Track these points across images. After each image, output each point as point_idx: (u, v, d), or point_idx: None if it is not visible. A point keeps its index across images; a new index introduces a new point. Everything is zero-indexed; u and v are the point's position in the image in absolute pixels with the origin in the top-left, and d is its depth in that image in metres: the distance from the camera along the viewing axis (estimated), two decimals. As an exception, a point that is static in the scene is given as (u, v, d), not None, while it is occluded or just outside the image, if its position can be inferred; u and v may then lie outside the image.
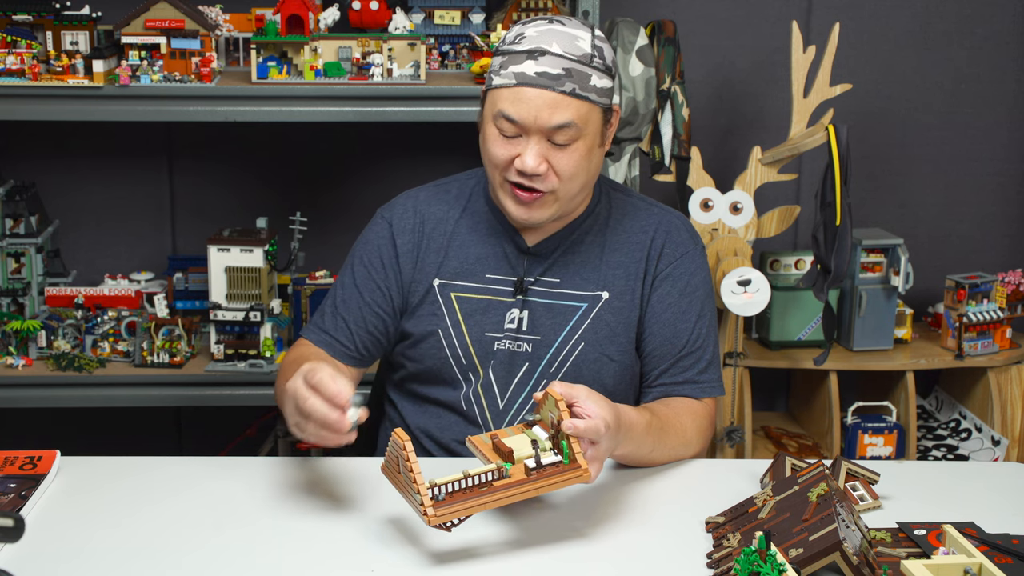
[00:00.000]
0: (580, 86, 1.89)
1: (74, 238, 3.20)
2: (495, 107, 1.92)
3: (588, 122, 1.91)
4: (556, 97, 1.88)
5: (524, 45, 1.90)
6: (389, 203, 2.14)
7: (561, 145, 1.90)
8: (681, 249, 2.07)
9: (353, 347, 2.08)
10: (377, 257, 2.08)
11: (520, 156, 1.90)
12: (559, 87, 1.88)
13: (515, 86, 1.89)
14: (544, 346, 2.03)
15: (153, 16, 2.71)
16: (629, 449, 1.85)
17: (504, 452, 1.69)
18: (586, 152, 1.93)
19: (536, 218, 1.97)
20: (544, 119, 1.88)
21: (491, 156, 1.94)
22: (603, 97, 1.93)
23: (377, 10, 2.82)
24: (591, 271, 2.05)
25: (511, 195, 1.95)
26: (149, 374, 2.85)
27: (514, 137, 1.91)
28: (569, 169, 1.92)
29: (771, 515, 1.67)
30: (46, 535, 1.69)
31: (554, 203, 1.95)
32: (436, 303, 2.05)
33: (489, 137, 1.94)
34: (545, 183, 1.92)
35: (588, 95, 1.90)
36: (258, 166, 3.23)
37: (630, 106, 2.85)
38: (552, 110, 1.88)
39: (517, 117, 1.89)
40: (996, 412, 3.09)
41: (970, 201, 3.37)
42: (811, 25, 3.22)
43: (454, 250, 2.06)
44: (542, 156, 1.90)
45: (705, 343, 2.07)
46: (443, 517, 1.59)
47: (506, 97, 1.90)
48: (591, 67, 1.90)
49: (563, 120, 1.88)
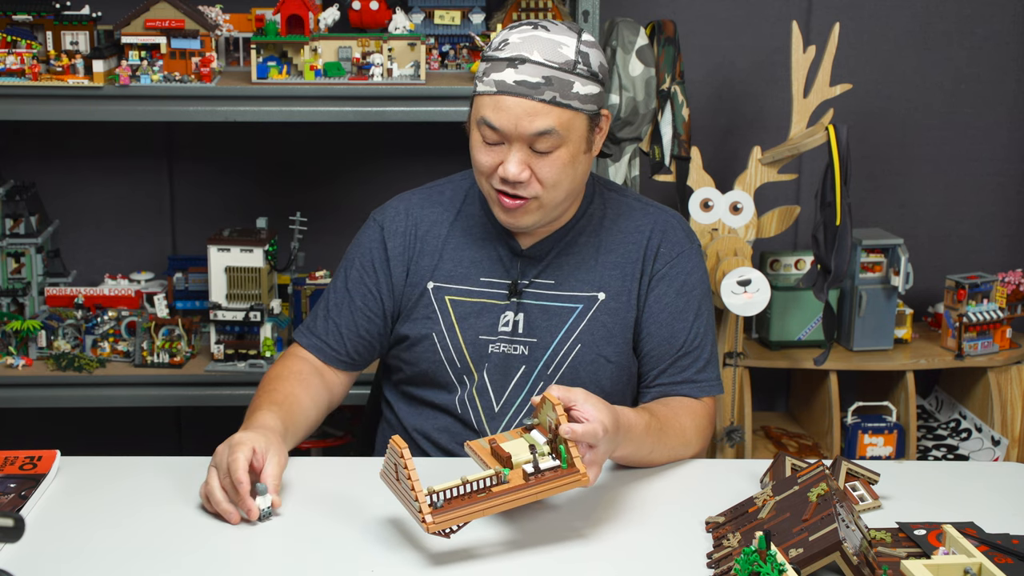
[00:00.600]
0: (561, 94, 1.88)
1: (74, 238, 3.20)
2: (479, 114, 1.92)
3: (571, 129, 1.91)
4: (535, 105, 1.87)
5: (506, 52, 1.90)
6: (382, 206, 2.14)
7: (543, 153, 1.90)
8: (677, 248, 2.07)
9: (344, 352, 2.08)
10: (369, 261, 2.09)
11: (503, 164, 1.91)
12: (538, 95, 1.87)
13: (495, 94, 1.89)
14: (540, 348, 2.03)
15: (153, 16, 2.71)
16: (628, 451, 1.84)
17: (502, 457, 1.69)
18: (569, 159, 1.92)
19: (522, 223, 1.97)
20: (524, 127, 1.88)
21: (477, 163, 1.95)
22: (587, 103, 1.92)
23: (377, 10, 2.82)
24: (586, 272, 2.04)
25: (497, 201, 1.96)
26: (149, 374, 2.85)
27: (497, 144, 1.91)
28: (552, 177, 1.91)
29: (771, 515, 1.67)
30: (46, 535, 1.69)
31: (538, 209, 1.95)
32: (430, 306, 2.05)
33: (474, 144, 1.95)
34: (528, 190, 1.92)
35: (570, 103, 1.89)
36: (258, 166, 3.23)
37: (630, 106, 2.85)
38: (531, 118, 1.87)
39: (498, 125, 1.89)
40: (996, 412, 3.09)
41: (970, 201, 3.37)
42: (811, 25, 3.22)
43: (448, 253, 2.06)
44: (524, 164, 1.90)
45: (703, 342, 2.06)
46: (442, 524, 1.59)
47: (487, 104, 1.90)
48: (574, 74, 1.89)
49: (543, 127, 1.88)
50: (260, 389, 2.01)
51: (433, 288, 2.05)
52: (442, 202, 2.11)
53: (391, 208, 2.12)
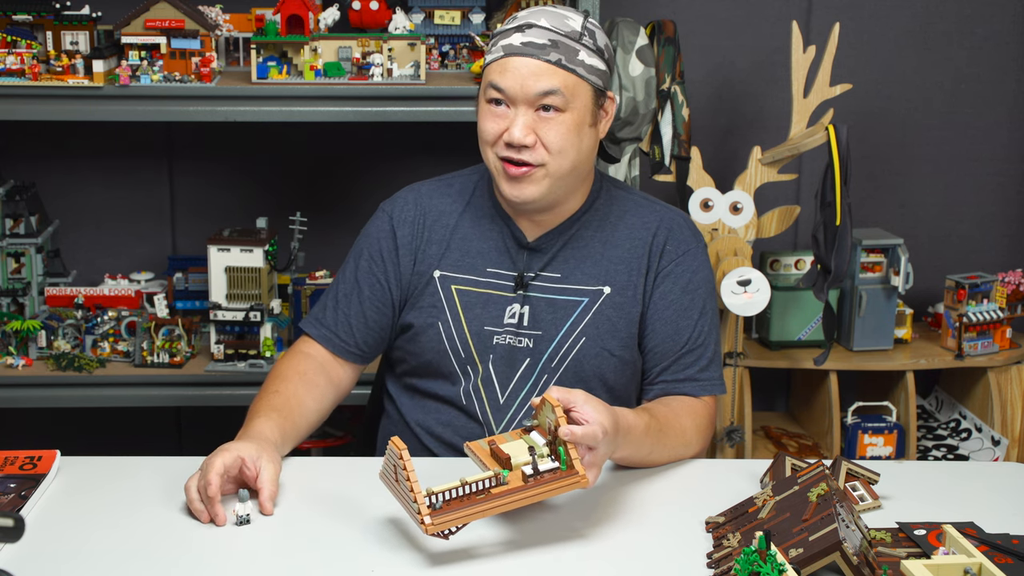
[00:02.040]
0: (566, 57, 1.91)
1: (74, 238, 3.20)
2: (486, 81, 1.95)
3: (575, 95, 1.92)
4: (541, 65, 1.91)
5: (515, 23, 1.95)
6: (391, 197, 2.15)
7: (548, 117, 1.92)
8: (683, 247, 2.07)
9: (354, 343, 2.09)
10: (378, 251, 2.09)
11: (508, 129, 1.92)
12: (544, 56, 1.91)
13: (502, 57, 1.93)
14: (545, 341, 2.03)
15: (153, 16, 2.71)
16: (628, 452, 1.84)
17: (502, 458, 1.69)
18: (574, 126, 1.93)
19: (527, 194, 1.96)
20: (529, 86, 1.90)
21: (482, 132, 1.96)
22: (593, 75, 1.94)
23: (377, 10, 2.82)
24: (592, 266, 2.05)
25: (502, 172, 1.96)
26: (149, 374, 2.85)
27: (502, 109, 1.93)
28: (557, 142, 1.92)
29: (771, 515, 1.67)
30: (46, 535, 1.69)
31: (544, 178, 1.95)
32: (436, 295, 2.05)
33: (481, 114, 1.97)
34: (534, 155, 1.93)
35: (575, 68, 1.92)
36: (258, 166, 3.23)
37: (630, 106, 2.85)
38: (537, 78, 1.90)
39: (503, 85, 1.91)
40: (996, 412, 3.09)
41: (970, 201, 3.37)
42: (811, 25, 3.22)
43: (456, 243, 2.07)
44: (529, 127, 1.92)
45: (706, 341, 2.07)
46: (440, 526, 1.59)
47: (494, 69, 1.94)
48: (579, 43, 1.93)
49: (548, 87, 1.90)
50: (263, 389, 2.02)
51: (440, 276, 2.06)
52: (451, 193, 2.11)
53: (400, 199, 2.13)
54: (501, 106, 1.93)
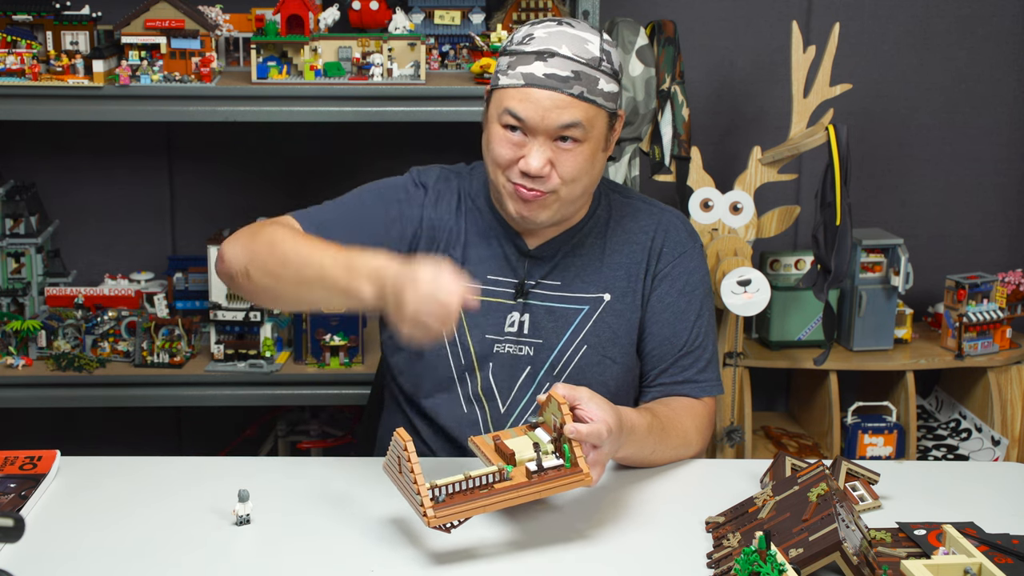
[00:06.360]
0: (588, 89, 1.88)
1: (74, 238, 3.20)
2: (501, 106, 1.90)
3: (594, 125, 1.91)
4: (564, 99, 1.87)
5: (533, 46, 1.90)
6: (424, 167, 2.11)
7: (566, 148, 1.89)
8: (680, 248, 2.07)
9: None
10: (395, 200, 2.05)
11: (524, 158, 1.90)
12: (567, 89, 1.87)
13: (523, 86, 1.88)
14: (546, 349, 2.02)
15: (153, 16, 2.71)
16: (631, 451, 1.85)
17: (506, 454, 1.69)
18: (590, 155, 1.92)
19: (537, 218, 1.95)
20: (551, 120, 1.87)
21: (495, 157, 1.93)
22: (609, 101, 1.92)
23: (377, 10, 2.82)
24: (592, 273, 2.04)
25: (512, 194, 1.94)
26: (149, 374, 2.85)
27: (519, 138, 1.90)
28: (572, 171, 1.91)
29: (771, 515, 1.67)
30: (46, 535, 1.69)
31: (555, 203, 1.95)
32: None
33: (494, 137, 1.93)
34: (548, 184, 1.91)
35: (595, 99, 1.89)
36: (258, 166, 3.23)
37: (630, 106, 2.85)
38: (560, 111, 1.87)
39: (524, 116, 1.88)
40: (996, 412, 3.09)
41: (970, 201, 3.37)
42: (811, 25, 3.22)
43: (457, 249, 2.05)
44: (547, 158, 1.89)
45: (704, 342, 2.06)
46: (443, 518, 1.59)
47: (513, 96, 1.89)
48: (599, 71, 1.90)
49: (570, 120, 1.87)
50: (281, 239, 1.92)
51: None
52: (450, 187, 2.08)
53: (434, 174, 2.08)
54: (517, 133, 1.90)
